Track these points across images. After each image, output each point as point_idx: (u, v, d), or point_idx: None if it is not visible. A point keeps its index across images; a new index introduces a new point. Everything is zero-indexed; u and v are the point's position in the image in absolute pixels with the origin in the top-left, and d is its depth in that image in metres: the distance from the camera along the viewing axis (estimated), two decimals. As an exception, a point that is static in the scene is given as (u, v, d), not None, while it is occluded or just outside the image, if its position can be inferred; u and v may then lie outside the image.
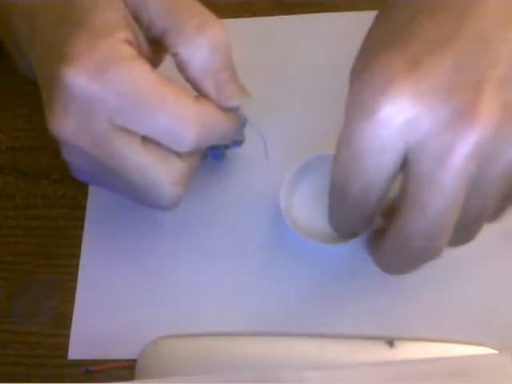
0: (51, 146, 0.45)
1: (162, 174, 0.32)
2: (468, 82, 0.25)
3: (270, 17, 0.46)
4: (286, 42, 0.45)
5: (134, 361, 0.38)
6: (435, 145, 0.25)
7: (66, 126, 0.31)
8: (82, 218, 0.42)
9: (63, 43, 0.30)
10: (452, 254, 0.38)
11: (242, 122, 0.36)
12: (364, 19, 0.30)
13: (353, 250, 0.39)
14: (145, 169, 0.32)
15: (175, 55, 0.33)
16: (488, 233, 0.38)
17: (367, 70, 0.27)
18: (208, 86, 0.33)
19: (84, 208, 0.42)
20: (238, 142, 0.39)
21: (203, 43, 0.32)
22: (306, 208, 0.40)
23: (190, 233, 0.41)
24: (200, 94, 0.33)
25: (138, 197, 0.34)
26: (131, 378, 0.37)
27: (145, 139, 0.31)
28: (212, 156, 0.40)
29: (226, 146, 0.40)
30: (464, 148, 0.25)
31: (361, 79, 0.27)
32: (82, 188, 0.43)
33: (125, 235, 0.41)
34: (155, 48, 0.34)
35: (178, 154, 0.32)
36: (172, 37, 0.32)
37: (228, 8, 0.47)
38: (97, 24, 0.30)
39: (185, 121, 0.31)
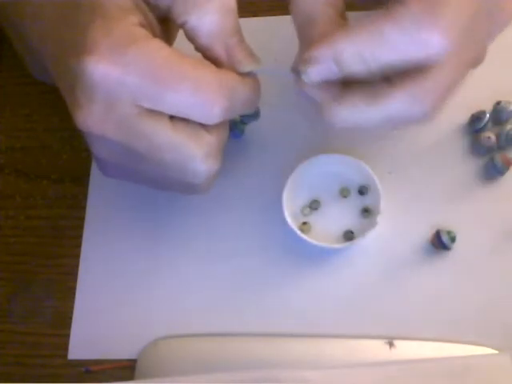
0: (51, 146, 0.45)
1: (194, 148, 0.32)
2: None
3: (271, 17, 0.46)
4: (286, 41, 0.45)
5: (134, 361, 0.38)
6: None
7: (92, 117, 0.31)
8: (82, 218, 0.42)
9: (79, 35, 0.30)
10: (452, 254, 0.38)
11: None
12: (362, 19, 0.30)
13: (353, 251, 0.39)
14: (176, 146, 0.32)
15: (184, 24, 0.33)
16: (488, 233, 0.38)
17: None
18: (219, 51, 0.33)
19: (84, 208, 0.42)
20: (255, 115, 0.39)
21: (212, 7, 0.32)
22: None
23: (189, 233, 0.41)
24: (211, 61, 0.33)
25: (172, 182, 0.34)
26: (131, 377, 0.37)
27: (173, 118, 0.31)
28: (231, 135, 0.40)
29: (243, 122, 0.41)
30: None
31: None
32: (82, 188, 0.43)
33: (125, 235, 0.41)
34: (165, 27, 0.34)
35: (207, 128, 0.32)
36: (179, 6, 0.32)
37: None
38: (109, 10, 0.30)
39: (207, 91, 0.31)
